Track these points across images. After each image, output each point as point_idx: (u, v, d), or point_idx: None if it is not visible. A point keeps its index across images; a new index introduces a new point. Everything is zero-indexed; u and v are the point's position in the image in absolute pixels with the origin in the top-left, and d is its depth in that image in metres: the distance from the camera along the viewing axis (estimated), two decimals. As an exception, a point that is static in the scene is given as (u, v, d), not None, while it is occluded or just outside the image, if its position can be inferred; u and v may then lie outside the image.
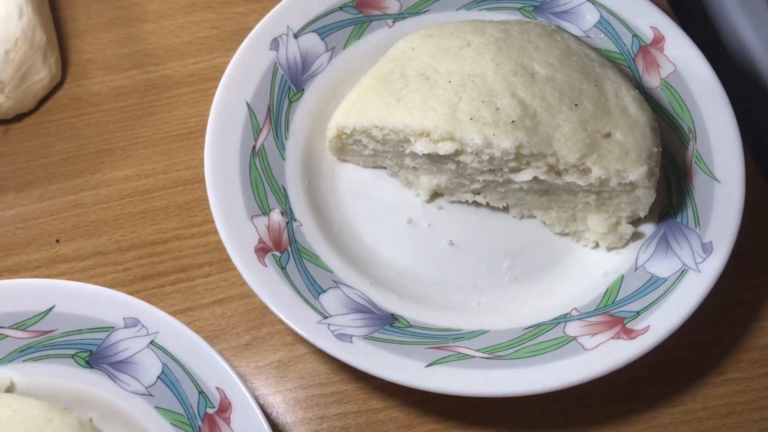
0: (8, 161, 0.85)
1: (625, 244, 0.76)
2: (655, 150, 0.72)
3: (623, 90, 0.74)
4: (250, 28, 0.82)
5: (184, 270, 0.79)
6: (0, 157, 0.85)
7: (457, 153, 0.73)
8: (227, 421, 0.64)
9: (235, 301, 0.78)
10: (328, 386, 0.73)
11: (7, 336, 0.68)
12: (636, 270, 0.74)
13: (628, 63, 0.83)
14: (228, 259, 0.79)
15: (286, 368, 0.74)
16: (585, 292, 0.73)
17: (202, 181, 0.82)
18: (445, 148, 0.72)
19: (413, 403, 0.72)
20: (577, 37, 0.78)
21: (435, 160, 0.75)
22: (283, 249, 0.73)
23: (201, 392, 0.65)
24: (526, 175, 0.72)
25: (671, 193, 0.77)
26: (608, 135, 0.72)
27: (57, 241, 0.81)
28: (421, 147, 0.73)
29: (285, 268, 0.71)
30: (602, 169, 0.70)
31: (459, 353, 0.67)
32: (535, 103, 0.71)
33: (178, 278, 0.79)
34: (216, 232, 0.78)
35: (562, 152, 0.70)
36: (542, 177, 0.72)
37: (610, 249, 0.76)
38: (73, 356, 0.68)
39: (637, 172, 0.70)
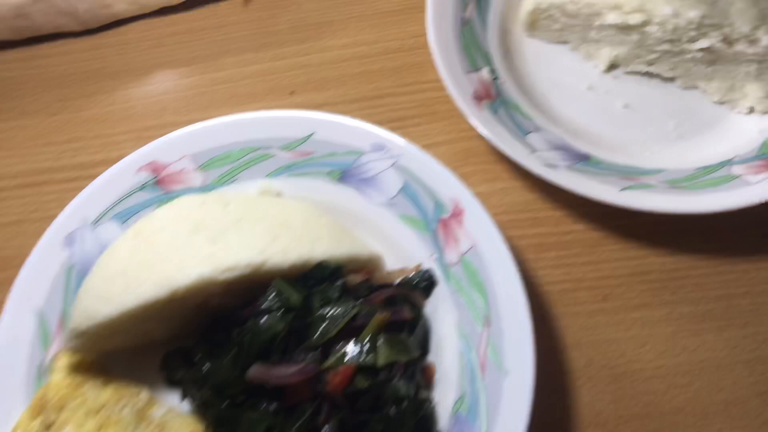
0: (245, 27, 1.02)
1: (778, 109, 0.90)
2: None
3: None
4: None
5: (399, 120, 0.95)
6: (239, 23, 1.02)
7: (644, 23, 0.87)
8: (460, 223, 0.81)
9: (442, 146, 0.93)
10: (524, 213, 0.89)
11: (276, 156, 0.86)
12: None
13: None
14: (434, 113, 0.96)
15: (488, 198, 0.90)
16: (744, 144, 0.88)
17: (409, 50, 0.98)
18: (635, 18, 0.86)
19: (594, 229, 0.88)
20: None
21: (621, 30, 0.89)
22: (493, 99, 0.88)
23: (437, 202, 0.82)
24: (703, 43, 0.86)
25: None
26: (776, 11, 0.85)
27: (292, 93, 0.98)
28: (613, 18, 0.87)
29: (497, 113, 0.87)
30: (770, 38, 0.84)
31: (645, 183, 0.83)
32: (714, -18, 0.85)
33: (394, 126, 0.93)
34: (423, 90, 0.95)
35: (737, 24, 0.84)
36: (716, 45, 0.86)
37: (764, 113, 0.90)
38: (328, 174, 0.85)
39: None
